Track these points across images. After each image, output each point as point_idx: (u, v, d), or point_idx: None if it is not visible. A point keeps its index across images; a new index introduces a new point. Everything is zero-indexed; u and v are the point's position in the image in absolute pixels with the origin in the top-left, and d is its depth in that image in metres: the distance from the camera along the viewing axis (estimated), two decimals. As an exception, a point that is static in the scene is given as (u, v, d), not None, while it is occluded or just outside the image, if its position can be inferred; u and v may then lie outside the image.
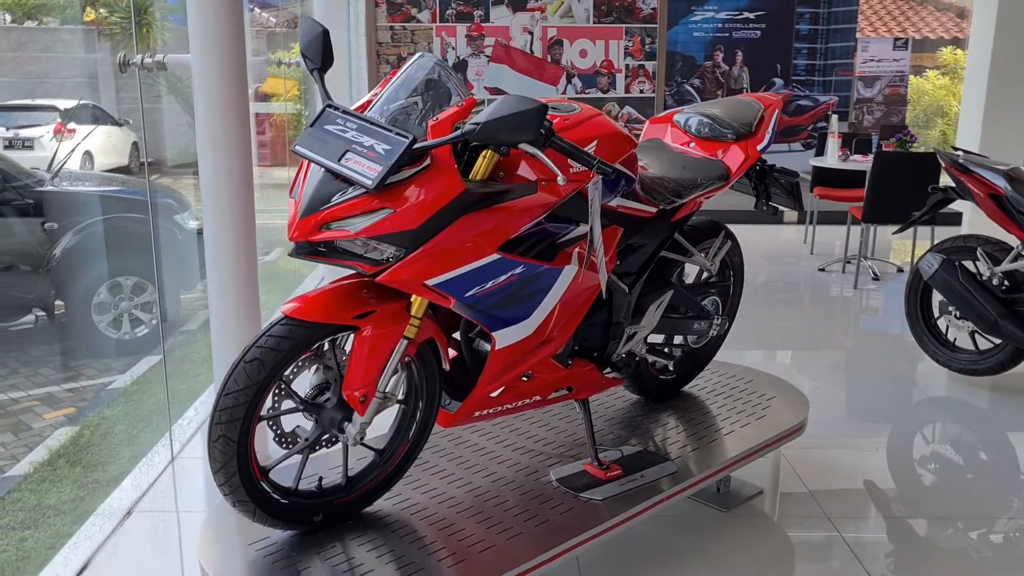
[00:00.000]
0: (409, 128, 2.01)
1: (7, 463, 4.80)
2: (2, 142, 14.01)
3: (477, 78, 4.83)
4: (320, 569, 2.10)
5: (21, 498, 4.26)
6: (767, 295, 6.15)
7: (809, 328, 5.40)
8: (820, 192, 6.83)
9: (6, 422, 5.48)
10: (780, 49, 10.94)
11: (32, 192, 6.34)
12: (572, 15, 4.79)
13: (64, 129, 13.41)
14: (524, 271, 2.11)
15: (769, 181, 3.06)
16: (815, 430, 3.71)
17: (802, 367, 4.67)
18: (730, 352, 3.41)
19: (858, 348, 5.09)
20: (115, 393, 5.73)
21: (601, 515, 2.38)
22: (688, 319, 2.92)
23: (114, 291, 6.33)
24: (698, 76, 10.98)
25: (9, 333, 6.70)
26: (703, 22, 10.76)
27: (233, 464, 2.01)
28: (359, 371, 2.08)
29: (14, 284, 6.33)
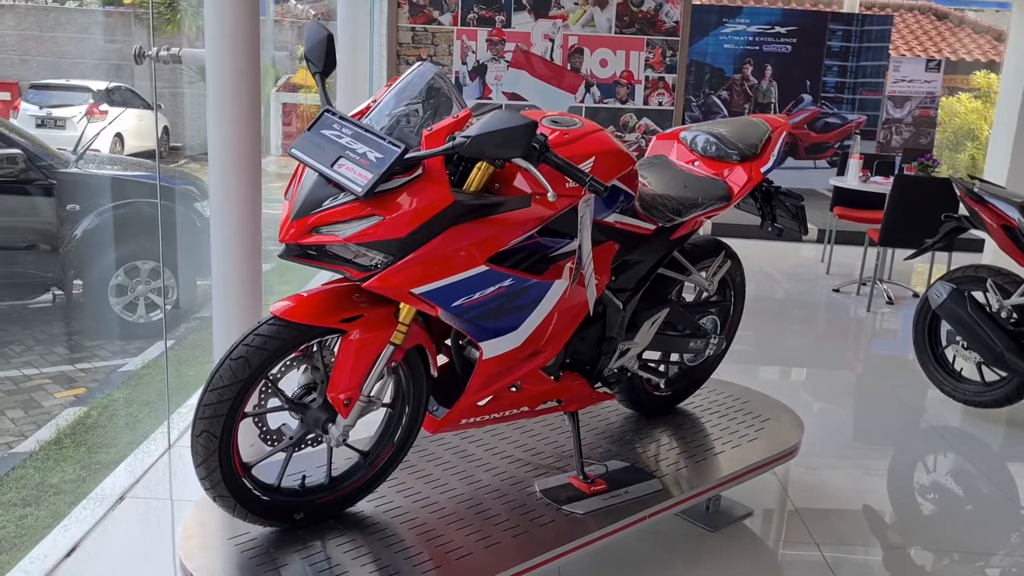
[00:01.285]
0: (405, 137, 2.02)
1: (15, 439, 4.88)
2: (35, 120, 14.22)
3: (496, 83, 4.84)
4: (297, 567, 2.12)
5: (25, 475, 4.32)
6: (779, 312, 6.13)
7: (817, 348, 5.37)
8: (840, 212, 6.79)
9: (18, 399, 5.56)
10: (810, 65, 10.90)
11: (56, 173, 6.43)
12: (594, 24, 4.79)
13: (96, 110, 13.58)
14: (513, 284, 2.12)
15: (775, 203, 3.05)
16: (813, 452, 3.70)
17: (805, 387, 4.65)
18: (736, 367, 3.41)
19: (864, 372, 5.06)
20: (125, 376, 5.80)
21: (581, 529, 2.39)
22: (684, 337, 2.91)
23: (131, 275, 6.41)
24: (726, 88, 10.95)
25: (27, 311, 6.80)
26: (734, 35, 10.74)
27: (215, 459, 2.04)
28: (344, 374, 2.10)
29: (34, 262, 6.43)
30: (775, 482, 3.36)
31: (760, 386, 3.66)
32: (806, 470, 3.51)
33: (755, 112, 10.90)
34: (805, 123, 10.90)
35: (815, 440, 3.85)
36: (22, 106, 14.18)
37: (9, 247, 6.38)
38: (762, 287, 6.92)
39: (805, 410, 4.18)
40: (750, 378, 4.52)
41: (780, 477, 3.39)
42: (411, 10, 4.64)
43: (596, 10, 4.79)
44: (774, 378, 4.78)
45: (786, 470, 3.41)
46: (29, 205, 6.37)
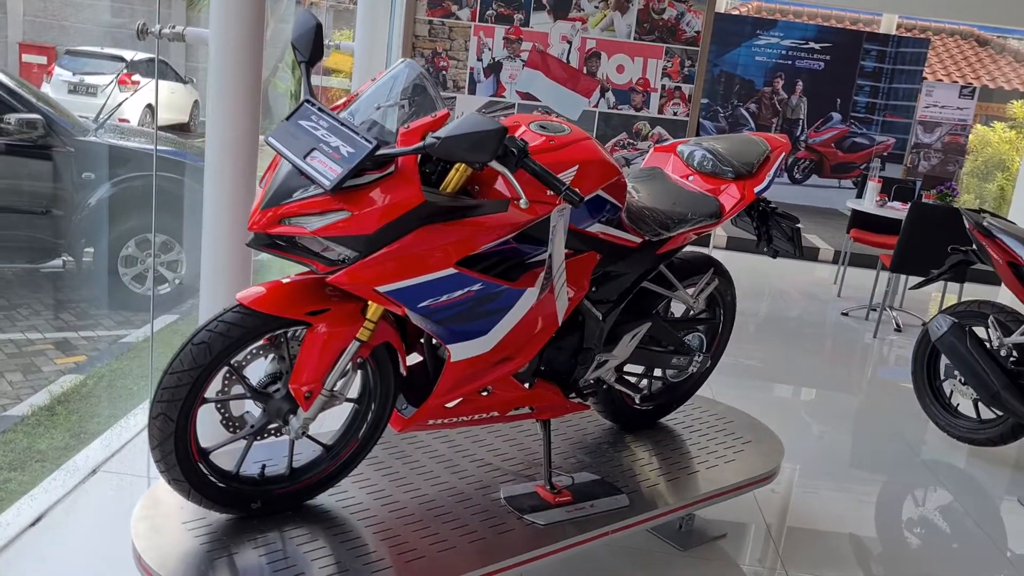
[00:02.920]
0: (383, 133, 2.01)
1: (10, 402, 4.92)
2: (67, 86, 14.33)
3: (510, 81, 4.81)
4: (248, 557, 2.11)
5: (14, 439, 4.35)
6: (785, 332, 6.06)
7: (817, 371, 5.31)
8: (856, 235, 6.71)
9: (19, 362, 5.61)
10: (842, 83, 10.78)
11: (75, 140, 6.47)
12: (613, 29, 4.75)
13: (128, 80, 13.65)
14: (483, 288, 2.10)
15: (771, 224, 3.00)
16: (798, 476, 3.66)
17: (799, 408, 4.59)
18: (731, 381, 3.36)
19: (861, 399, 4.99)
20: (125, 347, 5.83)
21: (540, 540, 2.36)
22: (667, 353, 2.88)
23: (142, 247, 6.44)
24: (755, 101, 10.86)
25: (38, 275, 6.86)
26: (766, 47, 10.64)
27: (170, 443, 2.03)
28: (307, 367, 2.09)
29: (47, 227, 6.48)
30: (753, 504, 3.31)
31: (754, 404, 3.64)
32: (788, 494, 3.47)
33: (782, 127, 10.80)
34: (832, 142, 10.78)
35: (801, 463, 3.80)
36: (56, 71, 14.33)
37: (23, 210, 6.43)
38: (771, 305, 6.86)
39: (795, 432, 4.14)
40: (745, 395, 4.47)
41: (760, 500, 3.34)
42: (429, 3, 4.62)
43: (616, 15, 4.75)
44: (769, 397, 4.73)
45: (767, 493, 3.36)
46: (46, 170, 6.41)
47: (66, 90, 13.66)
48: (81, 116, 7.10)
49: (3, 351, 5.72)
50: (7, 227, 6.47)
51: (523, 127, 2.30)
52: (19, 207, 6.43)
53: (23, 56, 16.38)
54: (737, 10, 16.03)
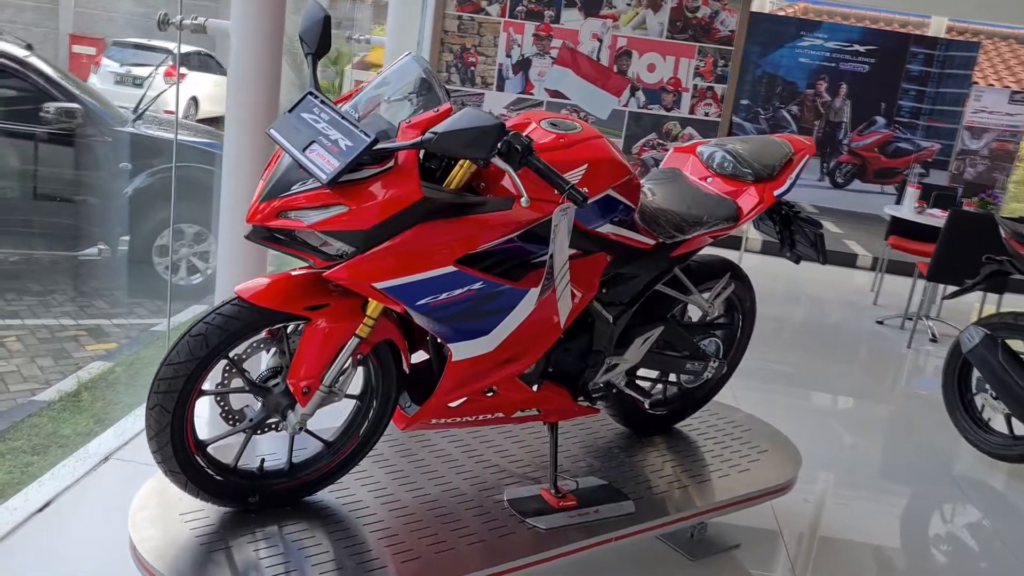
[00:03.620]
0: (385, 127, 1.98)
1: (39, 387, 4.99)
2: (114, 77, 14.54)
3: (539, 79, 4.76)
4: (242, 551, 2.10)
5: (39, 424, 4.40)
6: (817, 338, 5.95)
7: (847, 379, 5.19)
8: (894, 242, 6.55)
9: (50, 347, 5.69)
10: (887, 87, 10.56)
11: (113, 130, 6.56)
12: (645, 27, 4.67)
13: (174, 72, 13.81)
14: (483, 287, 2.06)
15: (794, 228, 2.93)
16: (818, 487, 3.57)
17: (825, 416, 4.49)
18: (758, 385, 3.28)
19: (890, 409, 4.87)
20: (155, 336, 5.89)
21: (540, 545, 2.32)
22: (681, 358, 2.82)
23: (177, 237, 6.51)
24: (797, 103, 10.68)
25: (74, 261, 6.96)
26: (810, 48, 10.46)
27: (166, 434, 2.02)
28: (305, 362, 2.07)
29: (84, 215, 6.59)
30: (770, 513, 3.24)
31: (781, 411, 3.57)
32: (806, 504, 3.39)
33: (824, 130, 10.61)
34: (875, 146, 10.57)
35: (825, 473, 3.71)
36: (103, 62, 14.57)
37: (61, 198, 6.54)
38: (805, 311, 6.74)
39: (820, 440, 4.06)
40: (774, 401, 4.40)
41: (777, 509, 3.27)
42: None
43: (649, 12, 4.68)
44: (797, 404, 4.63)
45: (784, 503, 3.28)
46: (83, 159, 6.51)
47: (112, 81, 13.88)
48: (122, 107, 7.20)
49: (36, 336, 5.82)
50: (45, 214, 6.59)
51: (533, 124, 2.25)
52: (57, 195, 6.54)
53: (72, 47, 16.68)
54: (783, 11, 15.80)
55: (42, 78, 6.38)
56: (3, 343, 5.68)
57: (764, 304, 6.61)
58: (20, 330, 5.90)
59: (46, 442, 4.17)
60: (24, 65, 6.36)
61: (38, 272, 6.91)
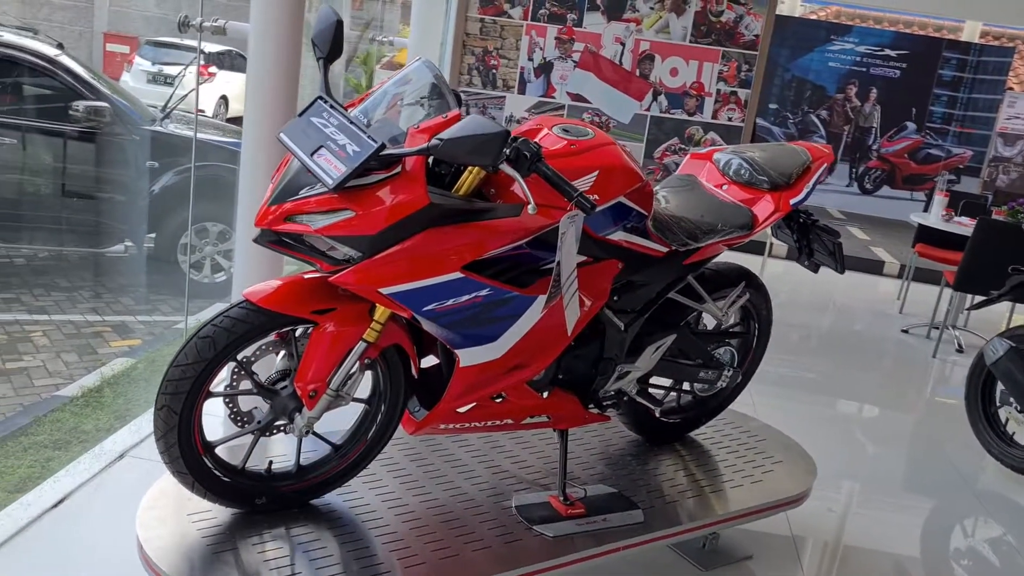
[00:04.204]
0: (394, 132, 1.98)
1: (63, 382, 5.05)
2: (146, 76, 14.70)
3: (561, 82, 4.74)
4: (246, 553, 2.10)
5: (61, 419, 4.45)
6: (841, 347, 5.88)
7: (868, 389, 5.12)
8: (921, 250, 6.47)
9: (76, 343, 5.76)
10: (919, 92, 10.43)
11: (140, 130, 6.63)
12: (668, 31, 4.65)
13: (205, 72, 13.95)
14: (491, 294, 2.05)
15: (812, 237, 2.90)
16: (835, 498, 3.53)
17: (844, 426, 4.43)
18: (779, 392, 3.24)
19: (911, 421, 4.81)
20: (178, 333, 5.94)
21: (546, 552, 2.31)
22: (694, 367, 2.79)
23: (201, 235, 6.57)
24: (826, 108, 10.58)
25: (102, 258, 7.05)
26: (840, 53, 10.36)
27: (174, 434, 2.04)
28: (311, 366, 2.07)
29: (111, 213, 6.67)
30: (785, 525, 3.20)
31: (800, 419, 3.50)
32: (821, 515, 3.34)
33: (854, 135, 10.50)
34: (906, 152, 10.44)
35: (841, 484, 3.67)
36: (136, 60, 14.73)
37: (89, 195, 6.62)
38: (831, 318, 6.67)
39: (838, 450, 4.01)
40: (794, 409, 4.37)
41: (792, 520, 3.23)
42: (482, 1, 4.58)
43: (672, 16, 4.65)
44: (816, 411, 4.57)
45: (800, 514, 3.25)
46: (111, 157, 6.59)
47: (145, 79, 14.05)
48: (151, 106, 7.29)
49: (62, 331, 5.89)
50: (73, 211, 6.68)
51: (545, 130, 2.25)
52: (85, 192, 6.63)
53: (107, 45, 16.89)
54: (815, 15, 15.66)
55: (72, 77, 6.46)
56: (30, 338, 5.76)
57: (789, 311, 6.59)
58: (47, 325, 5.98)
59: (67, 437, 4.21)
60: (54, 64, 6.45)
61: (66, 268, 7.01)
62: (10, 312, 6.13)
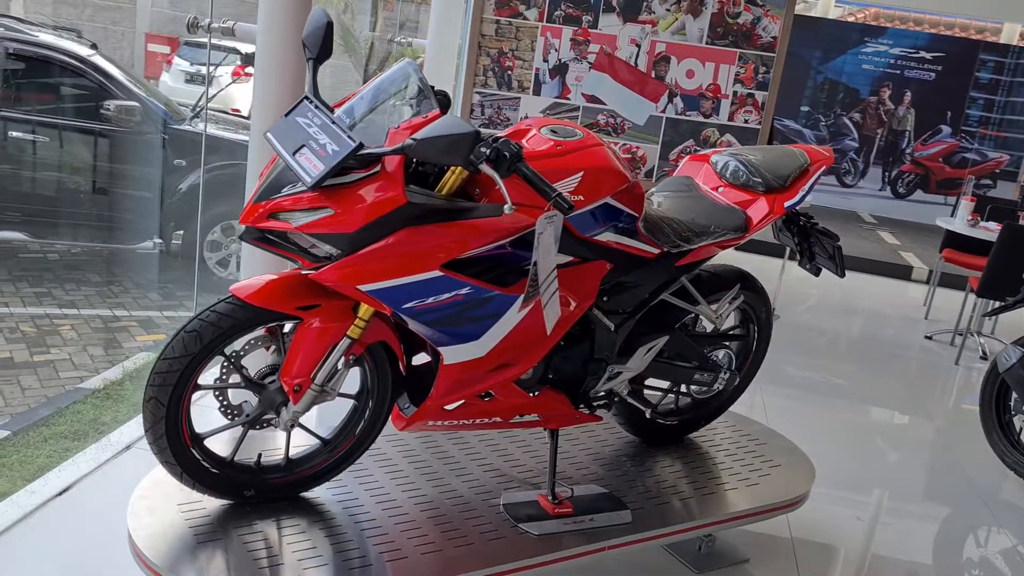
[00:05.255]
0: (376, 132, 2.01)
1: (87, 375, 5.16)
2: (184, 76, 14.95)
3: (576, 83, 4.75)
4: (231, 544, 2.15)
5: (82, 410, 4.55)
6: (862, 351, 5.82)
7: (887, 394, 5.06)
8: (948, 255, 6.38)
9: (102, 336, 5.88)
10: (954, 95, 10.27)
11: (170, 129, 6.75)
12: (684, 32, 4.63)
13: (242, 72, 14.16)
14: (471, 293, 2.07)
15: (812, 240, 2.88)
16: (839, 503, 3.49)
17: (857, 431, 4.38)
18: (796, 395, 3.21)
19: (928, 427, 4.74)
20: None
21: (529, 550, 2.33)
22: (689, 369, 2.79)
23: (227, 232, 6.67)
24: (859, 110, 10.45)
25: (131, 254, 7.19)
26: (874, 55, 10.23)
27: (161, 426, 2.09)
28: (296, 361, 2.11)
29: (140, 210, 6.80)
30: (786, 528, 3.18)
31: (813, 421, 3.44)
32: (824, 522, 3.32)
33: (887, 138, 10.35)
34: (940, 156, 10.28)
35: (849, 488, 3.63)
36: (175, 60, 14.98)
37: (119, 192, 6.77)
38: (855, 323, 6.59)
39: (850, 454, 3.98)
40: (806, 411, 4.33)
41: (793, 524, 3.21)
42: (497, 2, 4.61)
43: (688, 18, 4.63)
44: (831, 415, 4.53)
45: (803, 520, 3.23)
46: (141, 155, 6.72)
47: (183, 79, 14.28)
48: (184, 105, 7.42)
49: (90, 325, 6.03)
50: (104, 208, 6.82)
51: (534, 131, 2.27)
52: (115, 189, 6.77)
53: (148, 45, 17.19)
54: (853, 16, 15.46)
55: (104, 76, 6.60)
56: (59, 332, 5.90)
57: (814, 315, 6.53)
58: (75, 320, 6.12)
59: (86, 428, 4.31)
60: (87, 63, 6.59)
61: (97, 264, 7.17)
62: (41, 306, 6.28)
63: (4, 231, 6.84)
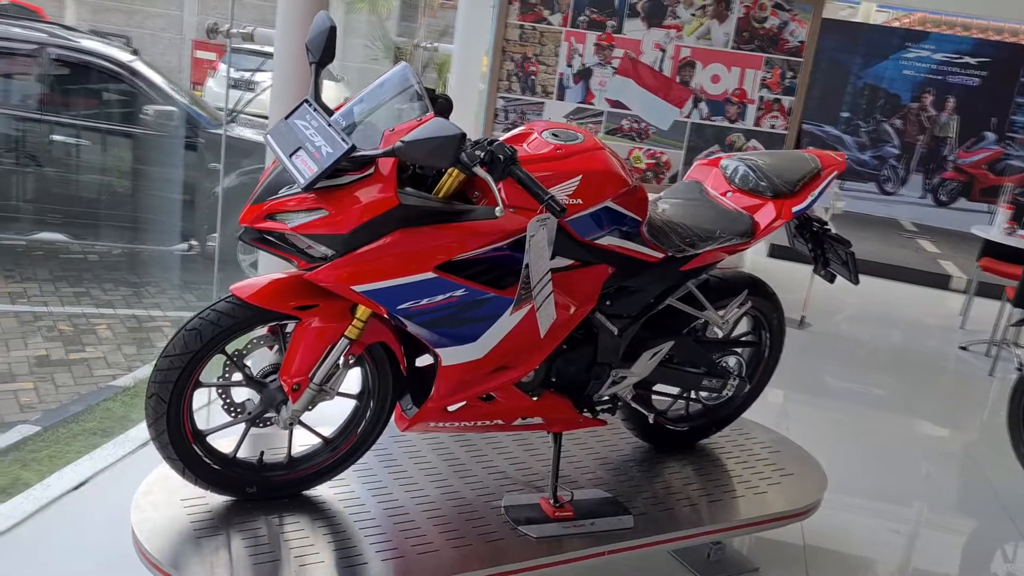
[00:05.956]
0: (373, 135, 2.03)
1: (120, 373, 5.27)
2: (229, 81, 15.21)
3: (600, 88, 4.74)
4: (230, 539, 2.18)
5: (112, 408, 4.65)
6: (894, 361, 5.72)
7: (917, 404, 4.96)
8: (985, 264, 6.25)
9: (137, 336, 6.00)
10: (999, 101, 10.06)
11: (206, 132, 6.87)
12: (710, 37, 4.60)
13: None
14: (466, 294, 2.09)
15: (826, 246, 2.85)
16: (856, 515, 3.44)
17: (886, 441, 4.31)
18: (820, 403, 3.16)
19: (958, 439, 4.64)
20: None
21: (527, 552, 2.33)
22: (696, 374, 2.77)
23: (260, 235, 6.73)
24: (900, 116, 10.29)
25: (168, 256, 7.32)
26: (916, 60, 10.07)
27: (163, 422, 2.13)
28: (294, 360, 2.14)
29: (176, 212, 6.93)
30: (799, 538, 3.14)
31: (839, 429, 3.34)
32: (839, 533, 3.27)
33: (929, 145, 10.17)
34: (984, 163, 10.06)
35: (870, 499, 3.58)
36: (219, 67, 15.24)
37: (156, 195, 6.90)
38: (889, 333, 6.49)
39: (875, 464, 3.92)
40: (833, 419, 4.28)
41: (807, 534, 3.17)
42: (522, 7, 4.62)
43: (714, 23, 4.60)
44: (859, 424, 4.45)
45: (815, 530, 3.18)
46: (178, 159, 6.85)
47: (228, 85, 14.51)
48: (221, 109, 7.55)
49: (125, 325, 6.15)
50: (143, 210, 6.97)
51: (535, 134, 2.28)
52: (153, 192, 6.91)
53: (195, 52, 17.52)
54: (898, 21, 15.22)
55: (143, 81, 6.75)
56: (95, 330, 6.03)
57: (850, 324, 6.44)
58: (112, 319, 6.25)
59: (115, 425, 4.39)
60: (127, 69, 6.74)
61: (135, 265, 7.31)
62: (79, 306, 6.42)
63: (46, 232, 7.02)
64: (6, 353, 5.49)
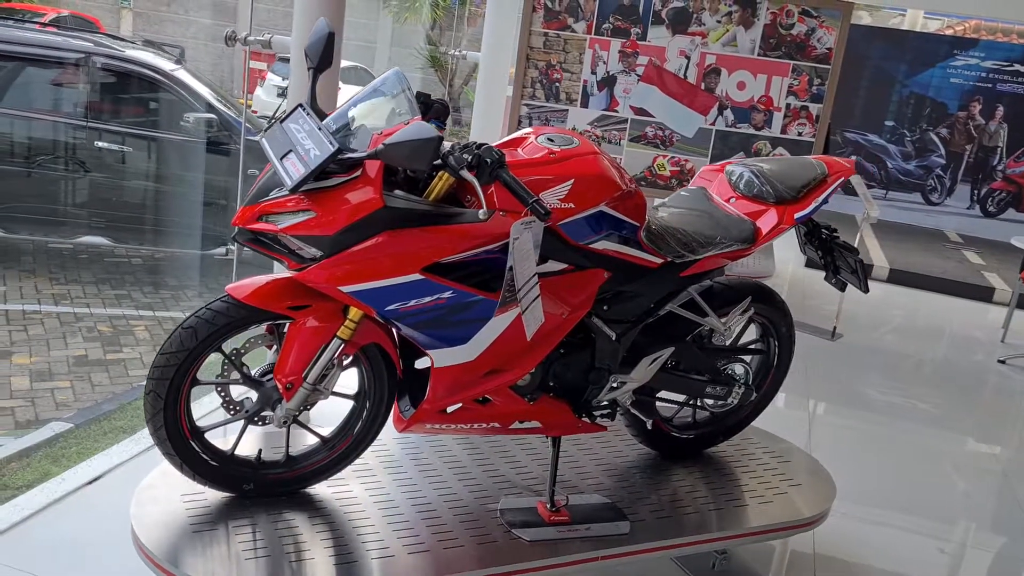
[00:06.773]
0: (363, 138, 2.07)
1: (150, 372, 5.36)
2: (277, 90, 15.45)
3: (624, 95, 4.74)
4: (224, 535, 2.22)
5: (138, 407, 4.74)
6: (931, 373, 5.61)
7: (949, 417, 4.86)
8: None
9: (171, 337, 6.09)
10: (1051, 109, 9.78)
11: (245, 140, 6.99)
12: (735, 44, 4.57)
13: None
14: (454, 296, 2.10)
15: (835, 254, 2.82)
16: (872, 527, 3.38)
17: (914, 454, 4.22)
18: (850, 413, 3.10)
19: (988, 454, 4.52)
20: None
21: (519, 555, 2.33)
22: (699, 381, 2.75)
23: (294, 240, 6.84)
24: (947, 125, 10.09)
25: (206, 260, 7.47)
26: (964, 68, 9.87)
27: (160, 418, 2.18)
28: (288, 360, 2.18)
29: (214, 217, 7.07)
30: (810, 547, 3.10)
31: (865, 440, 3.26)
32: (851, 546, 3.21)
33: (976, 155, 9.95)
34: (1033, 174, 9.82)
35: (891, 513, 3.51)
36: (268, 76, 15.53)
37: (195, 200, 7.06)
38: (928, 345, 6.36)
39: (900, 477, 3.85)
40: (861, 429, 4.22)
41: (818, 545, 3.12)
42: (546, 15, 4.64)
43: (740, 29, 4.57)
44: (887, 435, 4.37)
45: (827, 541, 3.13)
46: (216, 164, 6.99)
47: (276, 93, 14.80)
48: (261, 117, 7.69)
49: (163, 327, 6.29)
50: (182, 215, 7.12)
51: (532, 138, 2.29)
52: (193, 197, 7.06)
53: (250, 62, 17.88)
54: (951, 29, 14.94)
55: (185, 90, 6.90)
56: (133, 332, 6.18)
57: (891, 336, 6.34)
58: (150, 321, 6.40)
59: (140, 424, 4.49)
60: (170, 78, 6.91)
61: (176, 269, 7.48)
62: (120, 308, 6.59)
63: (91, 236, 7.21)
64: (47, 353, 5.65)
